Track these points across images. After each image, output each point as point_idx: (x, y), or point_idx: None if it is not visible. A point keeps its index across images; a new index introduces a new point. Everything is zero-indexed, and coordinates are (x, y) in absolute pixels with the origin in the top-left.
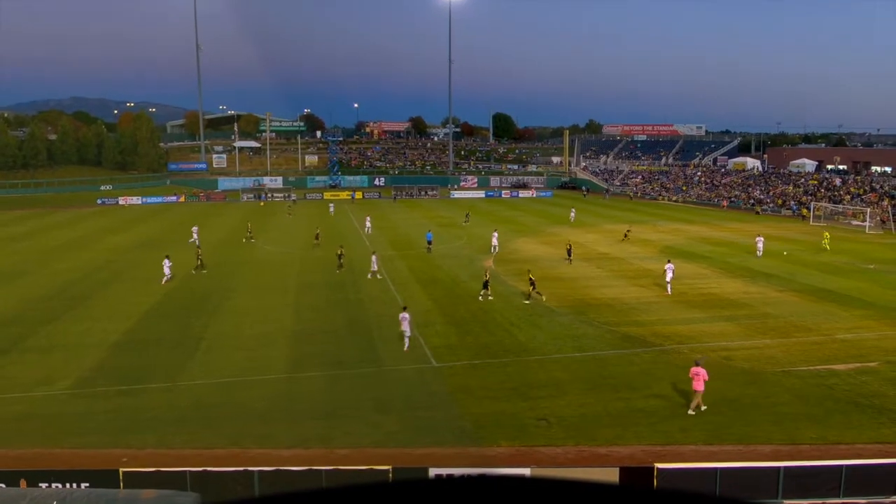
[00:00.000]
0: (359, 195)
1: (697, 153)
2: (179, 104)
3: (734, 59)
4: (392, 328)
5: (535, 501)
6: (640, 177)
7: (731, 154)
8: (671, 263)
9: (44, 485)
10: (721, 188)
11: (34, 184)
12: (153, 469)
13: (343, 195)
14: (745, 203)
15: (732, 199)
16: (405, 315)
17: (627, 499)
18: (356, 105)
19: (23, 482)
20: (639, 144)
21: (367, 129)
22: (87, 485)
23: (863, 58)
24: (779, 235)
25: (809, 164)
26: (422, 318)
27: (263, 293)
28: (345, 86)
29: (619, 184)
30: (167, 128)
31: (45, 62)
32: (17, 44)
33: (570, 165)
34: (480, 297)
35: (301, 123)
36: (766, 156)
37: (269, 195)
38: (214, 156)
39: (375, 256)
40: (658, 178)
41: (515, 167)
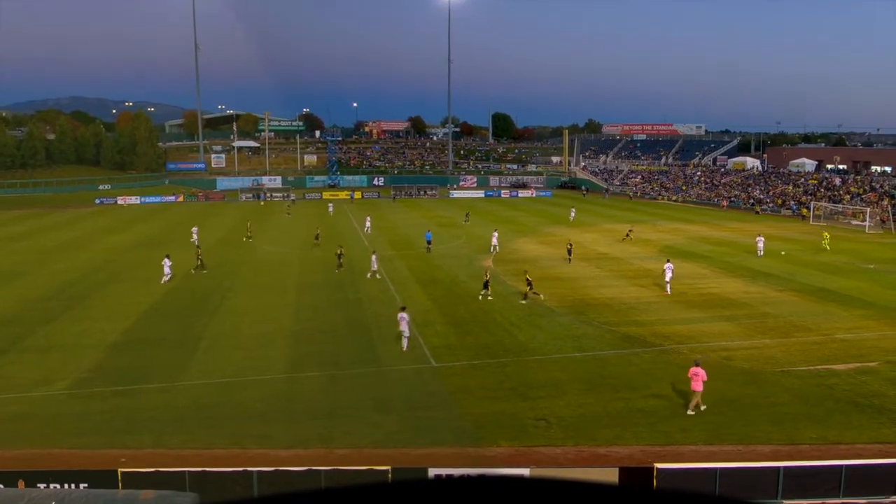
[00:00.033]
0: (358, 195)
1: (697, 153)
2: (178, 104)
3: (734, 59)
4: (391, 328)
5: (535, 502)
6: (640, 176)
7: (731, 154)
8: (670, 263)
9: (42, 485)
10: (721, 188)
11: (32, 184)
12: (152, 469)
13: (342, 195)
14: (745, 203)
15: (732, 199)
16: (403, 315)
17: (627, 499)
18: (355, 104)
19: (21, 483)
20: (638, 144)
21: (367, 129)
22: (86, 485)
23: (863, 58)
24: (779, 235)
25: (809, 164)
26: (421, 318)
27: (263, 293)
28: (344, 85)
29: (619, 183)
30: (166, 127)
31: (44, 62)
32: (16, 43)
33: (570, 165)
34: (480, 297)
35: (300, 123)
36: (766, 155)
37: (269, 195)
38: (213, 155)
39: (375, 256)
40: (658, 178)
41: (515, 167)
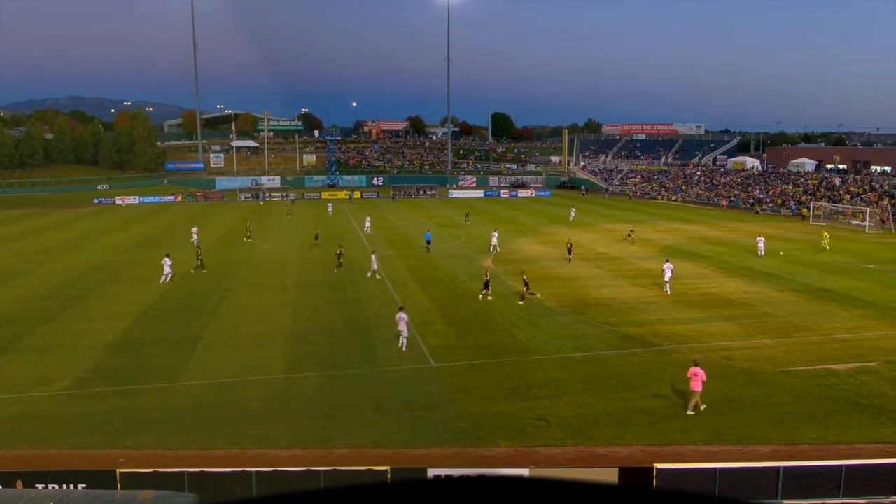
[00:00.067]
0: (357, 195)
1: (697, 152)
2: (177, 103)
3: (734, 59)
4: (390, 328)
5: (534, 502)
6: (640, 176)
7: (731, 153)
8: (670, 263)
9: (40, 486)
10: (720, 187)
11: (31, 183)
12: (150, 470)
13: (341, 195)
14: (745, 203)
15: (732, 199)
16: (402, 315)
17: (626, 499)
18: (354, 104)
19: (19, 483)
20: (638, 144)
21: (366, 129)
22: (84, 486)
23: (863, 57)
24: (778, 235)
25: (809, 164)
26: (421, 318)
27: (262, 293)
28: (343, 85)
29: (619, 183)
30: (164, 127)
31: (42, 61)
32: (14, 43)
33: (569, 165)
34: (480, 297)
35: (299, 122)
36: (766, 155)
37: (268, 195)
38: (212, 155)
39: (375, 256)
40: (657, 178)
41: (514, 166)
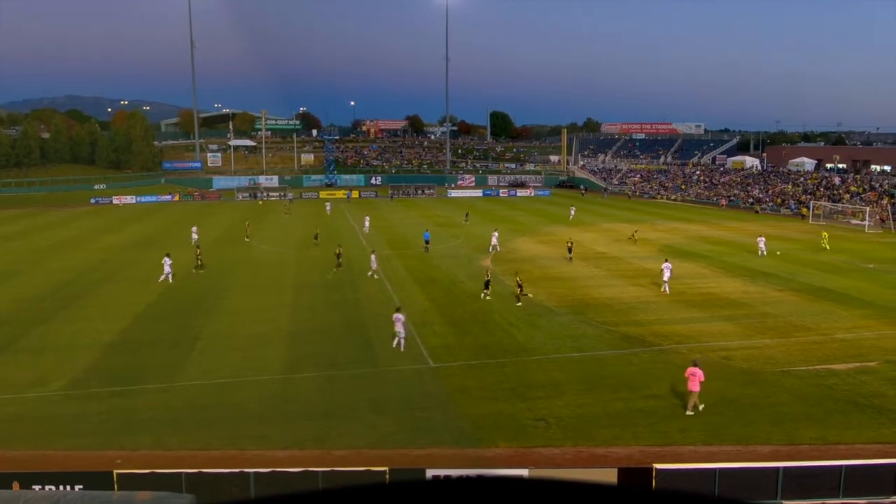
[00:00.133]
0: (355, 194)
1: (696, 152)
2: (174, 102)
3: (733, 58)
4: (389, 328)
5: (534, 502)
6: (639, 175)
7: (730, 153)
8: (668, 263)
9: (37, 487)
10: (720, 187)
11: (27, 182)
12: (148, 471)
13: (339, 194)
14: (744, 202)
15: (731, 198)
16: (399, 316)
17: (626, 499)
18: (352, 103)
19: (15, 484)
20: (637, 143)
21: (364, 128)
22: (81, 487)
23: (862, 57)
24: (778, 234)
25: (808, 163)
26: (419, 318)
27: (260, 293)
28: (341, 84)
29: (618, 182)
30: (161, 126)
31: (39, 60)
32: (11, 42)
33: (568, 164)
34: (482, 296)
35: (297, 122)
36: (765, 154)
37: (266, 194)
38: (209, 154)
39: (374, 255)
40: (656, 177)
41: (513, 166)
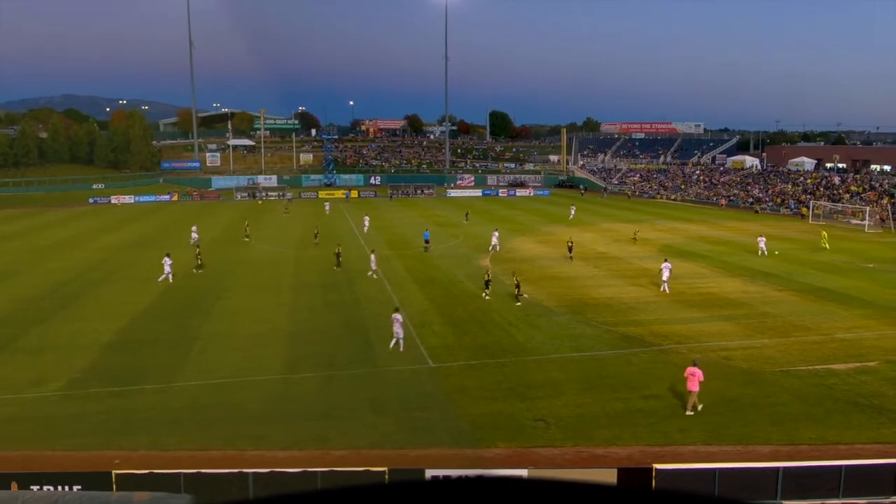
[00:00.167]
0: (354, 194)
1: (696, 151)
2: (172, 102)
3: (733, 58)
4: (388, 328)
5: (533, 503)
6: (639, 175)
7: (730, 152)
8: (668, 263)
9: (35, 487)
10: (719, 187)
11: (25, 182)
12: (146, 471)
13: (338, 194)
14: (744, 202)
15: (731, 198)
16: (397, 316)
17: (625, 500)
18: (351, 103)
19: (14, 485)
20: (637, 143)
21: (363, 127)
22: (80, 487)
23: (862, 57)
24: (778, 234)
25: (808, 163)
26: (419, 318)
27: (259, 293)
28: (340, 83)
29: (617, 182)
30: (160, 126)
31: (37, 60)
32: (8, 41)
33: (568, 164)
34: (484, 296)
35: (296, 121)
36: (765, 154)
37: (265, 194)
38: (208, 154)
39: (374, 255)
40: (656, 177)
41: (512, 166)
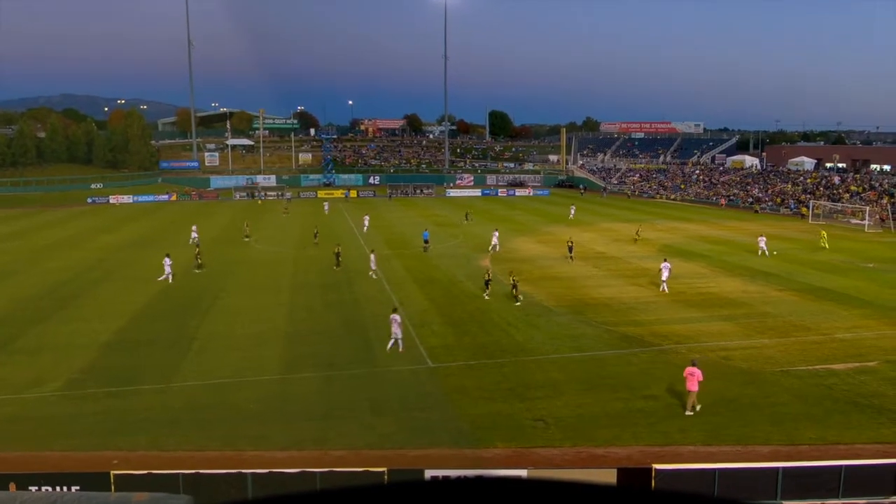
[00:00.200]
0: (353, 194)
1: (695, 151)
2: (171, 101)
3: (733, 57)
4: (387, 328)
5: (533, 503)
6: (638, 175)
7: (730, 152)
8: (667, 262)
9: (33, 488)
10: (719, 186)
11: (23, 182)
12: (145, 472)
13: (337, 193)
14: (744, 201)
15: (731, 198)
16: (395, 317)
17: (625, 500)
18: (350, 102)
19: (12, 486)
20: (636, 142)
21: (362, 127)
22: (78, 488)
23: (862, 56)
24: (777, 234)
25: (808, 163)
26: (418, 318)
27: (257, 293)
28: (339, 83)
29: (617, 182)
30: (158, 125)
31: (35, 59)
32: (6, 41)
33: (568, 163)
34: (484, 296)
35: (295, 121)
36: (765, 154)
37: (264, 193)
38: (207, 154)
39: (374, 255)
40: (656, 177)
41: (512, 165)
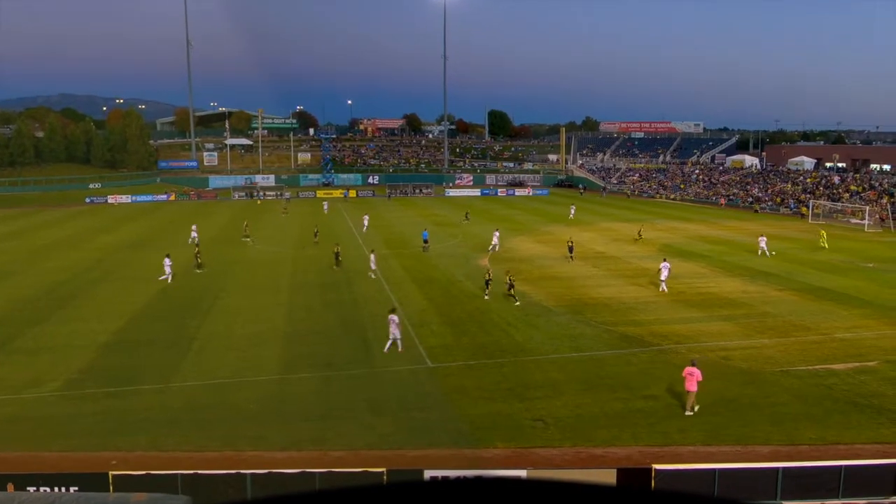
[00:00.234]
0: (352, 193)
1: (695, 151)
2: (170, 101)
3: (732, 57)
4: (386, 328)
5: None
6: (638, 175)
7: (730, 152)
8: (667, 262)
9: (31, 489)
10: (719, 186)
11: (21, 182)
12: (143, 472)
13: (336, 193)
14: (744, 201)
15: (730, 198)
16: (393, 317)
17: (625, 500)
18: (350, 102)
19: (10, 486)
20: (636, 142)
21: (361, 127)
22: (76, 488)
23: (862, 56)
24: (777, 234)
25: (808, 162)
26: (417, 318)
27: (256, 293)
28: (338, 83)
29: (617, 182)
30: (157, 125)
31: (34, 59)
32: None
33: (567, 163)
34: (484, 296)
35: (294, 120)
36: (765, 153)
37: (263, 193)
38: (205, 153)
39: (374, 255)
40: (655, 176)
41: (511, 165)
